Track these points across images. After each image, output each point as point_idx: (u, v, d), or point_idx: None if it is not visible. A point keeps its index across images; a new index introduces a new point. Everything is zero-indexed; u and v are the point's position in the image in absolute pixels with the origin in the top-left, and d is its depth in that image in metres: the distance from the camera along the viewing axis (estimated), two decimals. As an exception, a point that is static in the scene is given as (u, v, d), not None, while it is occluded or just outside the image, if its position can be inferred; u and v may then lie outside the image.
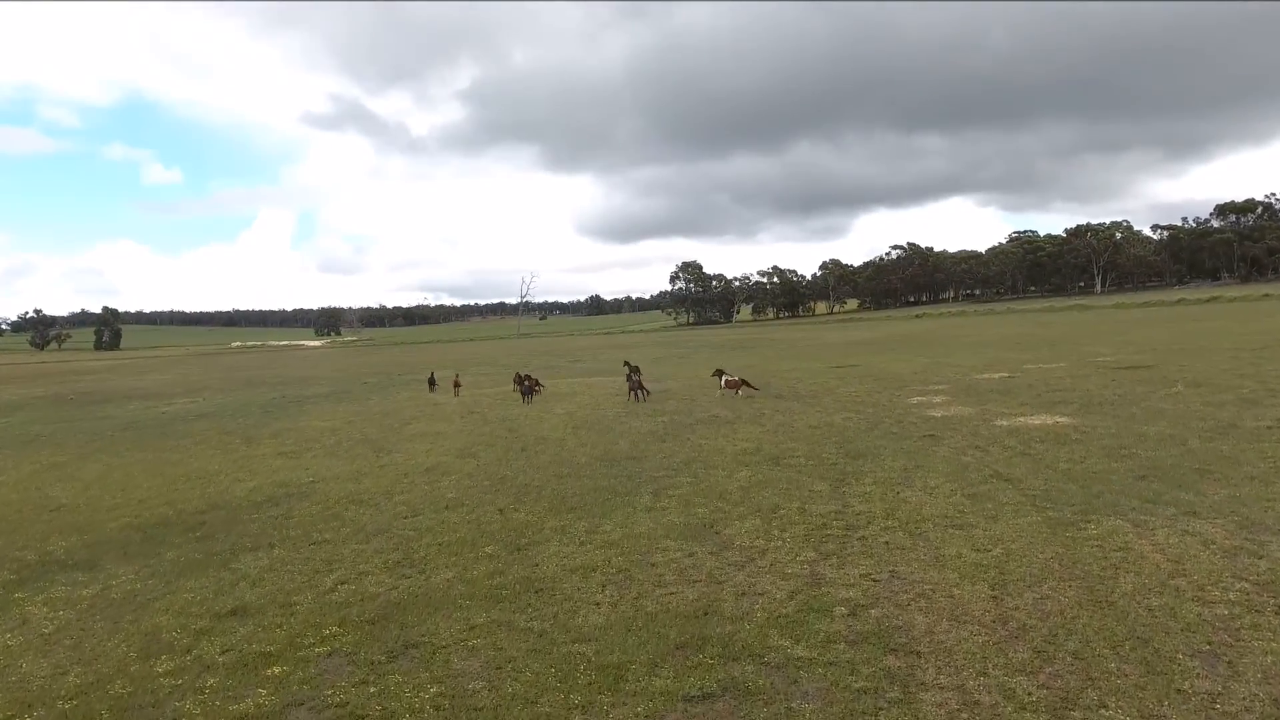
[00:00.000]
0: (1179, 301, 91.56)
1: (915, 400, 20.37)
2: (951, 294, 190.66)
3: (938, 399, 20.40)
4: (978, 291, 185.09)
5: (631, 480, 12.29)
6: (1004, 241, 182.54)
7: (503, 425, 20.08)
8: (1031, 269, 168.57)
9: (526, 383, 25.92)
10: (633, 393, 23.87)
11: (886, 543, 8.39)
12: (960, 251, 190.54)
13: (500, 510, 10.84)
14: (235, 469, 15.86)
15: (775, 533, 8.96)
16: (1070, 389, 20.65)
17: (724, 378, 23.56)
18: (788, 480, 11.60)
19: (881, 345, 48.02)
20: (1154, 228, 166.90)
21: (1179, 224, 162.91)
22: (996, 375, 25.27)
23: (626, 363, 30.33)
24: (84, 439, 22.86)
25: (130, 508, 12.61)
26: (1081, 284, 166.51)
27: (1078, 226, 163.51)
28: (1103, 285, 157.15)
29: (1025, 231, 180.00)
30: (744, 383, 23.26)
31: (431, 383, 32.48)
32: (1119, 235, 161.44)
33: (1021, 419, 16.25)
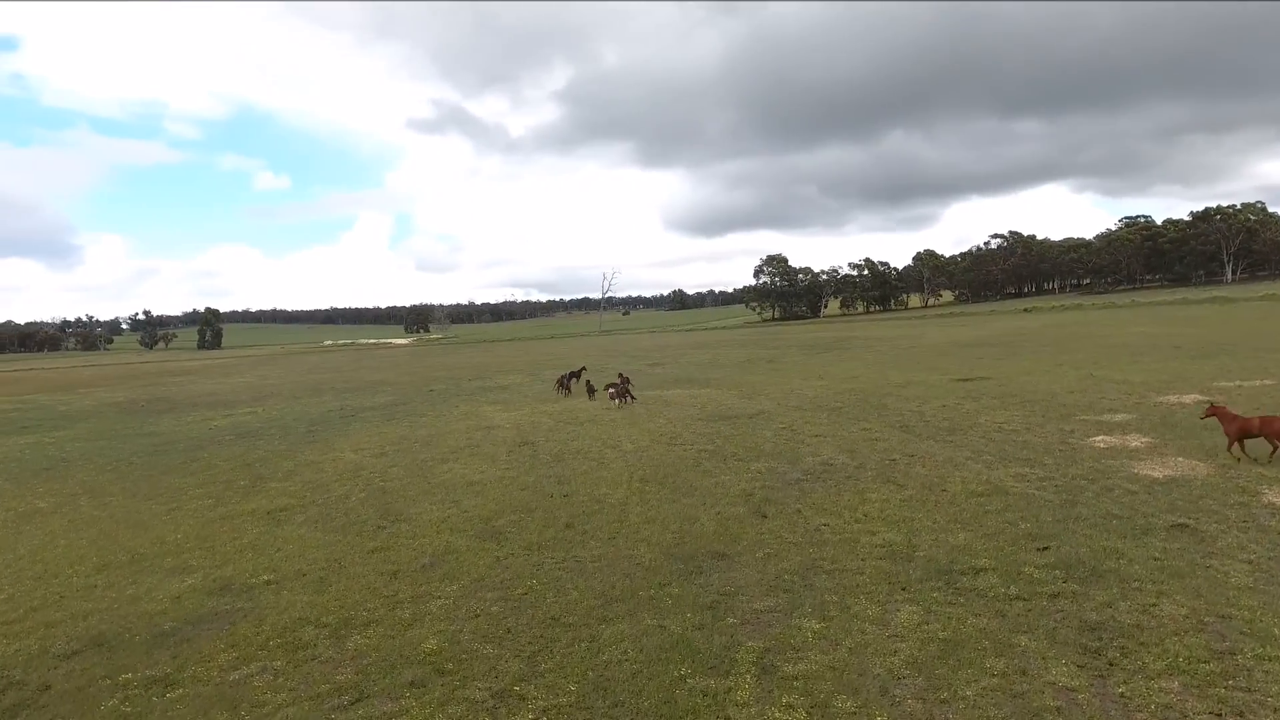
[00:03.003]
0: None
1: (1101, 443, 14.97)
2: (1056, 284, 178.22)
3: (1134, 441, 14.96)
4: (1086, 281, 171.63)
5: (718, 620, 7.62)
6: (1115, 227, 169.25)
7: (552, 471, 15.72)
8: (1150, 256, 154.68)
9: (568, 380, 28.87)
10: (619, 399, 24.59)
11: None
12: (1065, 240, 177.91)
13: (494, 699, 6.34)
14: (195, 544, 12.04)
15: None
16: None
17: (610, 390, 24.66)
18: (991, 641, 6.70)
19: (1002, 347, 41.34)
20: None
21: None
22: (1188, 398, 19.45)
23: (620, 374, 28.44)
24: (98, 468, 19.97)
25: (-2, 630, 8.78)
26: (1203, 273, 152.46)
27: (1205, 210, 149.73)
28: (1234, 273, 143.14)
29: (1139, 217, 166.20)
30: (627, 392, 23.89)
31: (565, 384, 30.13)
32: (1252, 218, 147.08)
33: (1304, 490, 10.81)
